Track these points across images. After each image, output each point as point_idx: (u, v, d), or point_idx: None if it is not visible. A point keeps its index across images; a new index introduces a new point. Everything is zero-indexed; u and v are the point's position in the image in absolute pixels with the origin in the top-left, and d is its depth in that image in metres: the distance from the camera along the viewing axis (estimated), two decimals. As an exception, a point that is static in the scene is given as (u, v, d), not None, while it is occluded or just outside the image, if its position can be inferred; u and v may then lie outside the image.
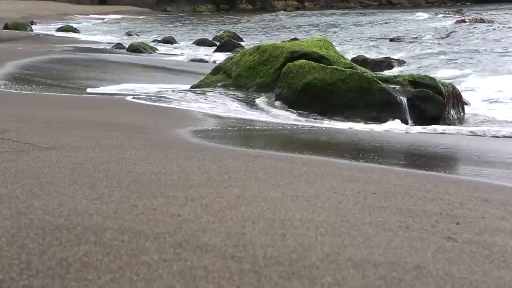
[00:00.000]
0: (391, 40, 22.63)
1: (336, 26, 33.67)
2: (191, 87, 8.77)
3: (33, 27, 28.88)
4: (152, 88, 8.93)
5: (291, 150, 4.63)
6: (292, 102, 7.46)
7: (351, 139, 5.73)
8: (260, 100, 7.83)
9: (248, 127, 5.98)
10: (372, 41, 23.06)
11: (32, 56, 12.16)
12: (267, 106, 7.66)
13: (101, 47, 18.88)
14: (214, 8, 67.39)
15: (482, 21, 28.01)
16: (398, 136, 6.19)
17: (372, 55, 16.74)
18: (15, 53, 13.17)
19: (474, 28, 25.23)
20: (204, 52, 18.10)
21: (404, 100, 7.18)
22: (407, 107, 7.16)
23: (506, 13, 36.43)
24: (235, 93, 8.13)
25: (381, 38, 23.95)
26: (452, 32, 24.81)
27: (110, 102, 7.11)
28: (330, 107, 7.24)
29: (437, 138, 6.06)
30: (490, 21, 27.98)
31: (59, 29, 28.36)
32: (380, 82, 7.26)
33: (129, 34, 26.86)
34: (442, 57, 16.38)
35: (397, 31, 28.01)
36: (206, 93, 8.14)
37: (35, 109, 5.87)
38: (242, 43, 20.82)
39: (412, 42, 21.86)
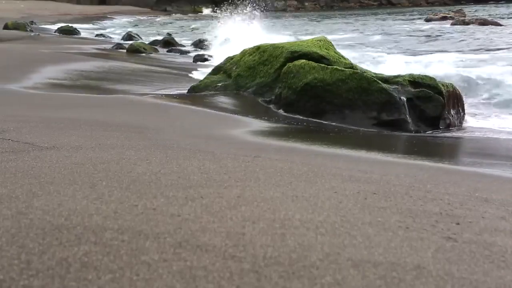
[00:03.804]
0: None
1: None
2: (191, 87, 8.77)
3: (33, 27, 28.83)
4: (151, 89, 8.94)
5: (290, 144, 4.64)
6: (292, 102, 7.46)
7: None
8: (260, 100, 7.83)
9: (248, 127, 5.98)
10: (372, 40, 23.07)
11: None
12: (265, 105, 7.66)
13: (102, 47, 18.87)
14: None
15: (483, 22, 27.98)
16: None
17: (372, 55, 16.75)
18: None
19: (475, 29, 25.22)
20: (204, 52, 18.09)
21: (404, 100, 7.17)
22: (407, 107, 7.15)
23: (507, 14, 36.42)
24: (235, 93, 8.13)
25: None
26: (452, 32, 24.81)
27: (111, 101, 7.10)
28: (330, 107, 7.23)
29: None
30: (493, 23, 27.95)
31: (59, 30, 28.32)
32: (380, 82, 7.26)
33: (129, 34, 26.82)
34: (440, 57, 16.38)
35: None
36: (206, 93, 8.14)
37: (36, 109, 5.87)
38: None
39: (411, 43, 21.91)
